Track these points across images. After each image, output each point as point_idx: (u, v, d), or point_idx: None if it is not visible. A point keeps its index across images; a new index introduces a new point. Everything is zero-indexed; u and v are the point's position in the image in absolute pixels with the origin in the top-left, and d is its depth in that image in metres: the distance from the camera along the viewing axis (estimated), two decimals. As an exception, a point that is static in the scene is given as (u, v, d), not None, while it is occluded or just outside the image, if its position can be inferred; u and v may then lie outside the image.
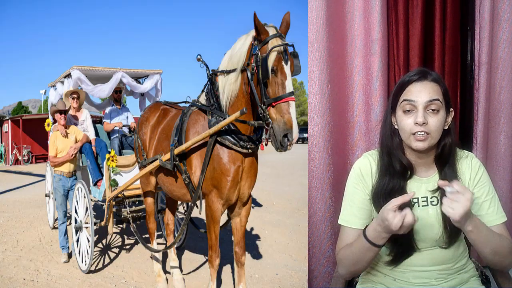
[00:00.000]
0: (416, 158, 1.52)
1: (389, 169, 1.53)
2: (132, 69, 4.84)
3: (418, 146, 1.43)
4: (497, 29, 2.47)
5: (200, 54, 2.62)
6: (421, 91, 1.44)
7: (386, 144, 1.56)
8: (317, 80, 2.37)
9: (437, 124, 1.42)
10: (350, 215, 1.59)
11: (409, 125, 1.44)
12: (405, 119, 1.46)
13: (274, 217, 6.23)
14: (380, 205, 1.51)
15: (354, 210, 1.58)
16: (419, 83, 1.46)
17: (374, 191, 1.56)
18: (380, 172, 1.57)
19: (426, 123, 1.41)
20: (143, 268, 4.04)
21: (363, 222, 1.57)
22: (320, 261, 2.49)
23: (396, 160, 1.52)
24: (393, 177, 1.52)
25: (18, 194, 8.59)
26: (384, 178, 1.54)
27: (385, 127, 1.59)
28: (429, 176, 1.55)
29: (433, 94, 1.43)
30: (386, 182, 1.52)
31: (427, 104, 1.42)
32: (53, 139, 4.11)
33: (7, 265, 4.12)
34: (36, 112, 41.79)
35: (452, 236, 1.51)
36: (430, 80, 1.46)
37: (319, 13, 2.33)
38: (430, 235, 1.52)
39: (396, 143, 1.54)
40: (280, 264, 4.12)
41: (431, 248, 1.54)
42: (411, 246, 1.52)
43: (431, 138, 1.43)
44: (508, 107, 2.52)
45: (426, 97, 1.42)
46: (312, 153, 2.43)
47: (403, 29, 2.51)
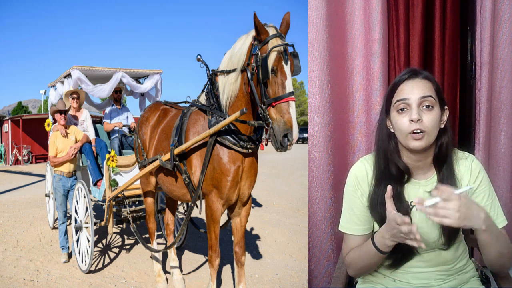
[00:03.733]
0: (413, 161, 1.50)
1: (385, 175, 1.52)
2: (132, 69, 4.83)
3: (415, 145, 1.41)
4: (497, 29, 2.47)
5: (200, 54, 2.62)
6: (413, 88, 1.43)
7: (383, 148, 1.54)
8: (317, 80, 2.37)
9: (432, 120, 1.40)
10: (350, 223, 1.60)
11: (404, 124, 1.42)
12: (400, 118, 1.44)
13: (274, 217, 6.23)
14: (378, 212, 1.52)
15: (354, 219, 1.59)
16: (410, 81, 1.45)
17: (371, 199, 1.55)
18: (376, 178, 1.55)
19: (421, 119, 1.39)
20: (143, 268, 4.04)
21: (364, 229, 1.58)
22: (320, 261, 2.49)
23: (392, 164, 1.50)
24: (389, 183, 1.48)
25: (18, 194, 8.59)
26: (380, 185, 1.52)
27: (380, 131, 1.57)
28: (427, 179, 1.53)
29: (425, 90, 1.42)
30: (382, 189, 1.50)
31: (420, 101, 1.41)
32: (53, 139, 4.11)
33: (7, 265, 4.12)
34: (36, 112, 41.81)
35: (451, 238, 1.50)
36: (421, 77, 1.45)
37: (319, 13, 2.33)
38: (429, 238, 1.51)
39: (392, 146, 1.52)
40: (280, 264, 4.12)
41: (430, 251, 1.53)
42: (411, 250, 1.51)
43: (427, 136, 1.40)
44: (508, 107, 2.52)
45: (418, 94, 1.41)
46: (312, 153, 2.42)
47: (404, 29, 2.51)
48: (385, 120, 1.55)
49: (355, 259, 1.54)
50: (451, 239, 1.50)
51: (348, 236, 1.61)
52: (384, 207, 1.46)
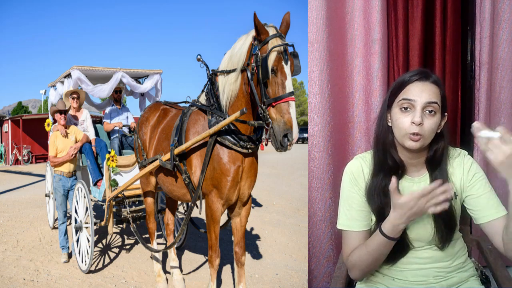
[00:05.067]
0: (407, 158, 1.53)
1: (383, 166, 1.54)
2: (132, 69, 4.84)
3: (411, 145, 1.43)
4: (497, 29, 2.47)
5: (200, 54, 2.62)
6: (422, 91, 1.44)
7: (382, 141, 1.56)
8: (317, 80, 2.37)
9: (432, 126, 1.43)
10: (350, 220, 1.58)
11: (405, 123, 1.44)
12: (401, 117, 1.46)
13: (274, 217, 6.23)
14: (375, 202, 1.54)
15: (354, 214, 1.58)
16: (420, 83, 1.45)
17: (368, 189, 1.57)
18: (374, 170, 1.57)
19: (422, 124, 1.41)
20: (143, 268, 4.04)
21: (365, 224, 1.57)
22: (320, 261, 2.49)
23: (389, 156, 1.53)
24: (386, 175, 1.52)
25: (18, 194, 8.59)
26: (377, 176, 1.55)
27: (381, 124, 1.59)
28: (421, 176, 1.56)
29: (432, 96, 1.43)
30: (380, 180, 1.53)
31: (425, 105, 1.42)
32: (53, 139, 4.11)
33: (7, 265, 4.12)
34: (36, 112, 41.80)
35: (445, 236, 1.52)
36: (431, 81, 1.46)
37: (319, 13, 2.33)
38: (424, 235, 1.53)
39: (390, 140, 1.54)
40: (280, 264, 4.12)
41: (426, 247, 1.55)
42: (406, 245, 1.53)
43: (423, 139, 1.43)
44: (508, 107, 2.52)
45: (426, 98, 1.42)
46: (312, 153, 2.43)
47: (403, 29, 2.50)
48: (385, 114, 1.56)
49: (362, 257, 1.52)
50: (445, 236, 1.52)
51: (349, 234, 1.59)
52: (381, 197, 1.50)
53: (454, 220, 1.55)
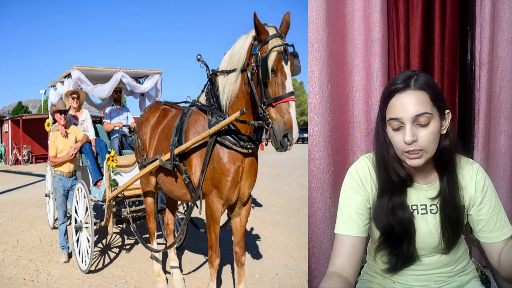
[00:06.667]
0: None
1: (387, 185, 1.45)
2: (132, 69, 4.84)
3: (412, 163, 1.34)
4: (497, 29, 2.47)
5: (200, 54, 2.62)
6: (405, 104, 1.31)
7: (382, 158, 1.46)
8: (317, 80, 2.36)
9: (429, 138, 1.31)
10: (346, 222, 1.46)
11: (399, 143, 1.34)
12: (395, 136, 1.36)
13: (274, 217, 6.23)
14: (384, 225, 1.45)
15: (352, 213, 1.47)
16: (403, 94, 1.32)
17: (375, 212, 1.48)
18: (379, 190, 1.48)
19: (416, 140, 1.31)
20: (143, 268, 4.04)
21: (361, 229, 1.45)
22: (320, 261, 2.49)
23: (393, 173, 1.43)
24: (393, 194, 1.44)
25: (18, 194, 8.59)
26: (383, 197, 1.46)
27: (378, 139, 1.49)
28: (429, 183, 1.48)
29: (419, 107, 1.30)
30: (386, 202, 1.44)
31: (414, 119, 1.31)
32: (53, 139, 4.11)
33: (7, 265, 4.12)
34: (36, 112, 41.79)
35: (451, 243, 1.47)
36: (415, 88, 1.32)
37: (319, 13, 2.33)
38: (429, 243, 1.47)
39: (391, 154, 1.43)
40: (280, 264, 4.12)
41: (430, 255, 1.52)
42: (412, 257, 1.48)
43: (425, 153, 1.33)
44: (508, 107, 2.52)
45: (412, 112, 1.30)
46: (312, 153, 2.42)
47: (403, 29, 2.50)
48: (381, 128, 1.47)
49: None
50: (451, 243, 1.47)
51: (340, 239, 1.45)
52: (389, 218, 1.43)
53: (461, 229, 1.50)
